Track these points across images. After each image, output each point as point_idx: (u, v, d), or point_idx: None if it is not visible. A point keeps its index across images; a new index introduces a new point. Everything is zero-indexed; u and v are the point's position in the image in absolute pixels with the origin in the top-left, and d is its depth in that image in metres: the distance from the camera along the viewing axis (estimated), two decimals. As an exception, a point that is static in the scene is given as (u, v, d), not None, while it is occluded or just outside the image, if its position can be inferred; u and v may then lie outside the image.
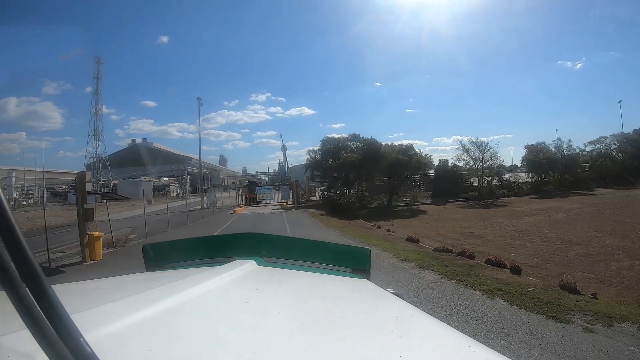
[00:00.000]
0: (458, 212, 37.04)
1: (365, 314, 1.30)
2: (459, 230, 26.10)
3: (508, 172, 61.05)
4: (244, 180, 75.96)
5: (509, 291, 9.32)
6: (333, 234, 18.67)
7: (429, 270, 11.09)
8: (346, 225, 22.95)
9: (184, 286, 1.28)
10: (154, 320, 0.99)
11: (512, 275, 11.57)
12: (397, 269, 11.25)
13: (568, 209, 33.70)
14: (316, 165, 49.42)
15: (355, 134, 49.20)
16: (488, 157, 51.12)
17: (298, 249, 2.25)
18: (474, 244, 20.50)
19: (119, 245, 17.61)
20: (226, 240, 2.56)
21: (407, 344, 0.96)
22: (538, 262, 16.14)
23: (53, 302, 0.52)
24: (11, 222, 0.50)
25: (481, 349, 0.95)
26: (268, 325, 1.07)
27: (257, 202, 46.94)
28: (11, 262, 0.49)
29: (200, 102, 52.72)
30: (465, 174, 53.75)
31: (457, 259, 13.49)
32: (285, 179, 78.42)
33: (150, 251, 2.22)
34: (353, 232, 19.89)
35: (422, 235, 21.12)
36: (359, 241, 16.15)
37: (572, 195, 45.81)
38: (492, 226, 27.56)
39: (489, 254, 16.65)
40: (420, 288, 9.49)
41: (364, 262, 2.12)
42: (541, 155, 56.57)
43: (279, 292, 1.52)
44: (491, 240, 21.89)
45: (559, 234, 23.11)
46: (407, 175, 48.25)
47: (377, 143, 46.82)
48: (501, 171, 55.72)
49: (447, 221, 31.02)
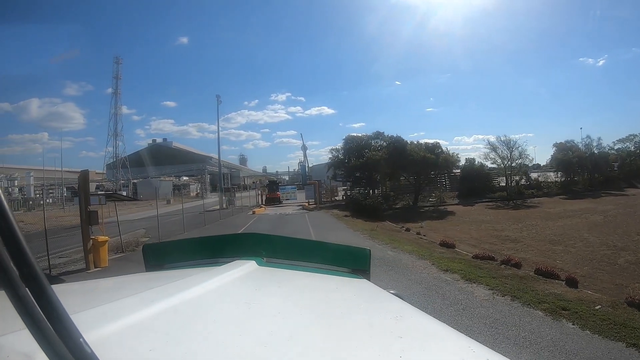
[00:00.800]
0: (488, 214, 35.52)
1: (365, 314, 1.30)
2: (493, 233, 24.66)
3: (535, 171, 58.85)
4: (264, 180, 75.11)
5: (574, 310, 8.00)
6: (361, 239, 17.32)
7: (476, 284, 9.77)
8: (374, 228, 21.50)
9: (183, 286, 1.27)
10: (154, 320, 0.98)
11: (569, 288, 10.19)
12: (439, 282, 9.95)
13: (603, 211, 32.14)
14: (339, 164, 48.19)
15: (379, 132, 47.94)
16: (517, 156, 49.04)
17: (298, 249, 2.26)
18: (512, 250, 19.12)
19: (129, 249, 16.34)
20: (226, 241, 2.54)
21: (407, 345, 0.96)
22: (588, 271, 14.72)
23: (53, 302, 0.53)
24: (11, 223, 0.50)
25: (481, 349, 0.95)
26: (268, 325, 1.06)
27: (277, 202, 45.60)
28: (11, 262, 0.49)
29: (219, 100, 51.84)
30: (492, 173, 51.94)
31: (503, 269, 12.16)
32: (306, 178, 77.45)
33: (150, 251, 2.26)
34: (382, 236, 18.51)
35: (455, 239, 19.76)
36: (390, 247, 14.88)
37: (603, 195, 44.02)
38: (528, 229, 26.02)
39: (533, 261, 15.33)
40: (472, 307, 8.18)
41: (364, 262, 2.08)
42: (570, 154, 54.40)
43: (278, 292, 1.50)
44: (530, 245, 20.38)
45: (601, 238, 21.68)
46: (433, 175, 46.54)
47: (403, 141, 45.12)
48: (528, 170, 53.49)
49: (479, 223, 29.57)
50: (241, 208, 41.11)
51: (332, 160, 50.43)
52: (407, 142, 45.14)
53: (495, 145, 49.42)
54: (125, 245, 16.58)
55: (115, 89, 74.11)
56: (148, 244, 2.56)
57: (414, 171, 43.20)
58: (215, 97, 52.04)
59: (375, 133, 48.07)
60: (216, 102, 51.16)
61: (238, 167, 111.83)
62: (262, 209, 39.72)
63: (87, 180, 14.55)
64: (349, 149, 47.28)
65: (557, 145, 58.88)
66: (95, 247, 13.03)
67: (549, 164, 68.84)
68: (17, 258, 0.50)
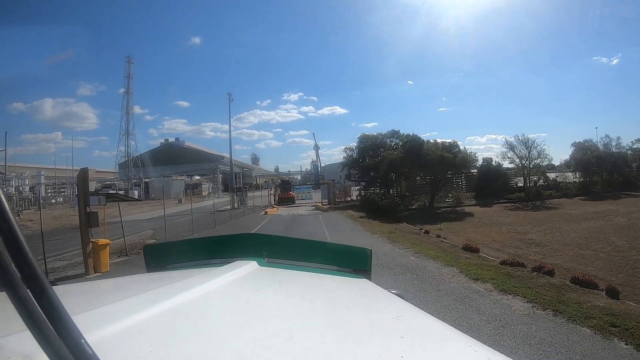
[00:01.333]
0: (508, 215, 34.46)
1: (366, 314, 1.30)
2: (516, 236, 23.70)
3: (552, 171, 57.39)
4: (276, 180, 74.66)
5: (624, 327, 7.15)
6: (380, 243, 16.38)
7: (512, 295, 8.91)
8: (392, 231, 20.51)
9: (184, 287, 1.26)
10: (155, 321, 0.97)
11: (611, 300, 9.38)
12: (471, 293, 9.11)
13: (627, 213, 31.01)
14: (353, 163, 47.11)
15: (395, 131, 46.64)
16: (535, 155, 47.73)
17: (299, 249, 2.25)
18: (539, 254, 18.22)
19: (133, 252, 15.26)
20: (227, 241, 2.49)
21: (408, 345, 0.95)
22: (624, 279, 13.76)
23: (54, 303, 0.53)
24: (12, 223, 0.50)
25: (483, 349, 0.94)
26: (269, 325, 1.06)
27: (290, 203, 44.77)
28: (12, 263, 0.49)
29: (231, 98, 51.69)
30: (509, 173, 50.69)
31: (535, 277, 11.31)
32: (319, 178, 76.80)
33: (151, 252, 2.33)
34: (402, 239, 17.58)
35: (478, 243, 18.88)
36: (412, 251, 14.03)
37: (623, 196, 42.53)
38: (552, 232, 24.99)
39: (564, 267, 14.46)
40: (512, 324, 7.35)
41: (365, 262, 2.07)
42: (589, 154, 52.86)
43: (279, 292, 1.49)
44: (557, 250, 19.39)
45: (630, 242, 20.68)
46: (449, 175, 45.38)
47: (420, 139, 43.95)
48: (546, 170, 52.10)
49: (500, 225, 28.59)
50: (253, 208, 40.51)
51: (346, 159, 49.34)
52: (423, 140, 44.11)
53: (513, 144, 48.24)
54: (130, 248, 15.85)
55: (127, 88, 74.47)
56: (149, 244, 2.36)
57: (431, 171, 42.12)
58: (227, 94, 51.79)
59: (391, 132, 46.92)
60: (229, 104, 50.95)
61: (250, 167, 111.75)
62: (275, 209, 38.89)
63: (87, 179, 13.48)
64: (363, 148, 46.24)
65: (576, 145, 57.39)
66: (96, 250, 12.21)
67: (563, 164, 67.55)
68: (17, 259, 0.50)
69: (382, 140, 46.32)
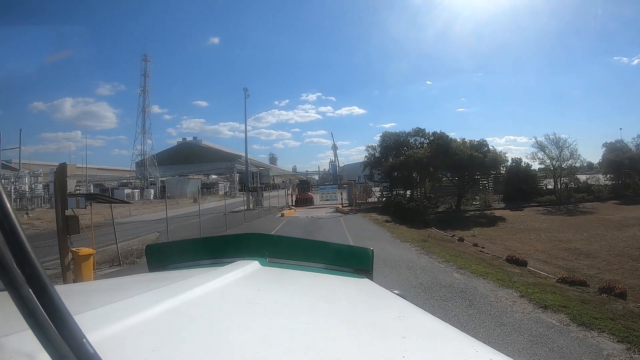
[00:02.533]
0: (542, 220, 32.18)
1: (367, 314, 1.30)
2: (559, 245, 21.62)
3: (584, 173, 54.62)
4: (294, 179, 73.17)
5: None
6: (415, 254, 14.21)
7: (596, 332, 7.04)
8: (424, 238, 18.41)
9: (186, 286, 1.25)
10: (157, 320, 0.97)
11: None
12: (544, 328, 7.20)
13: (670, 218, 28.58)
14: (375, 162, 44.93)
15: (420, 129, 44.33)
16: (567, 156, 45.22)
17: (300, 249, 2.24)
18: (592, 267, 16.25)
19: (128, 261, 13.41)
20: (229, 241, 2.52)
21: (410, 344, 0.95)
22: None
23: (55, 303, 0.53)
24: (14, 223, 0.50)
25: (484, 349, 0.94)
26: (271, 325, 1.06)
27: (309, 204, 42.71)
28: (14, 263, 0.50)
29: (247, 94, 50.17)
30: (538, 174, 48.22)
31: (606, 300, 9.51)
32: (337, 178, 75.12)
33: (153, 252, 2.33)
34: (437, 248, 15.53)
35: (520, 252, 17.01)
36: (455, 266, 12.01)
37: (658, 201, 39.69)
38: (597, 240, 22.84)
39: (628, 285, 12.41)
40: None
41: (366, 262, 2.06)
42: (621, 155, 49.95)
43: (281, 292, 1.48)
44: (610, 262, 17.26)
45: (686, 252, 18.56)
46: (477, 175, 42.99)
47: (447, 138, 41.53)
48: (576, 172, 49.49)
49: (537, 232, 26.44)
50: (269, 209, 39.00)
51: (367, 158, 47.14)
52: (451, 139, 41.69)
53: (543, 144, 45.84)
54: (125, 256, 13.97)
55: (144, 86, 73.96)
56: (150, 244, 2.55)
57: (459, 171, 39.95)
58: (243, 90, 50.49)
59: (415, 130, 44.53)
60: (245, 99, 49.70)
61: (267, 166, 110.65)
62: (292, 210, 36.69)
63: (65, 176, 10.95)
64: (386, 147, 44.11)
65: (607, 145, 54.38)
66: (77, 262, 10.18)
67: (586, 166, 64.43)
68: (19, 259, 0.50)
69: (406, 138, 44.05)
